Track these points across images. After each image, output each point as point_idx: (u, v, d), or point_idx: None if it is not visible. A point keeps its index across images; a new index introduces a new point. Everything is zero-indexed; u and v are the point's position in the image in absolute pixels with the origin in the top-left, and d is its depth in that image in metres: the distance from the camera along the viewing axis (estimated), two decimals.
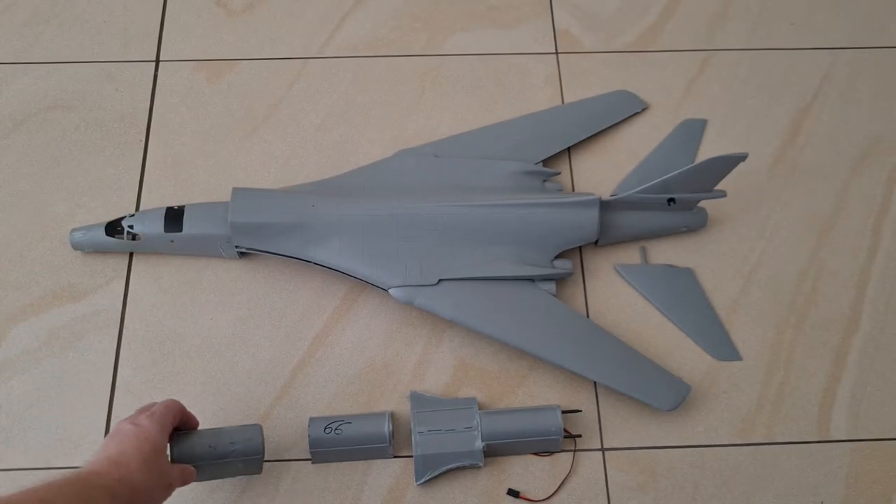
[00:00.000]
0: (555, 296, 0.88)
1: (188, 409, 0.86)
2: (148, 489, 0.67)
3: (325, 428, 0.81)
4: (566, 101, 1.06)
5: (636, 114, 1.05)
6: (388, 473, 0.83)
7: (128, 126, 1.02)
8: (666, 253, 0.96)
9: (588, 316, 0.92)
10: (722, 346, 0.90)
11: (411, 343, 0.90)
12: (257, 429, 0.79)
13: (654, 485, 0.83)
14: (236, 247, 0.89)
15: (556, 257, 0.91)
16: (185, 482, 0.72)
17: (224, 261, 0.93)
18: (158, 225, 0.89)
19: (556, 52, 1.10)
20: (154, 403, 0.76)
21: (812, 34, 1.12)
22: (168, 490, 0.69)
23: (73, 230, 0.91)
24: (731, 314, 0.93)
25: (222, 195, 0.93)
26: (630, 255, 0.96)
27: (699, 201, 0.94)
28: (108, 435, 0.70)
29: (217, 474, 0.78)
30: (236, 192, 0.88)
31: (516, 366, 0.89)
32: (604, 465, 0.84)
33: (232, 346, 0.89)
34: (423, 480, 0.81)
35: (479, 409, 0.83)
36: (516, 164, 0.96)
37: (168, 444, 0.73)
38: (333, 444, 0.81)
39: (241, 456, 0.77)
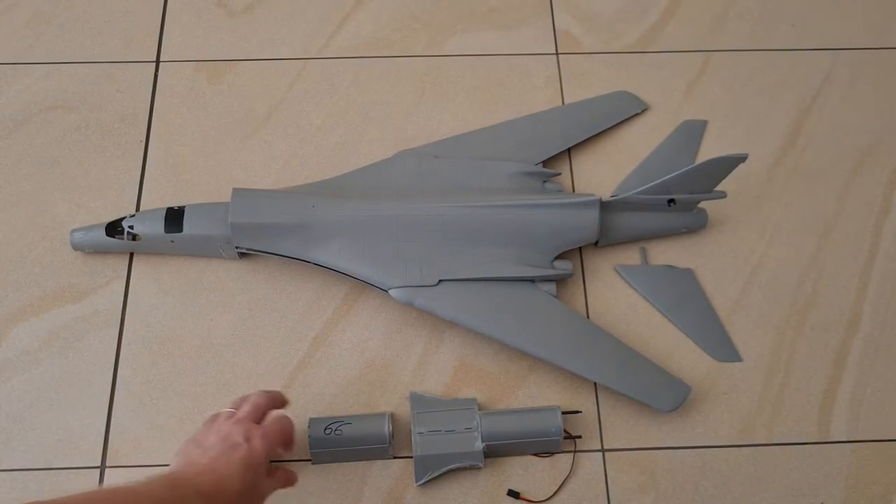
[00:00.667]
0: (555, 296, 0.88)
1: (190, 410, 0.86)
2: None
3: (326, 429, 0.81)
4: (566, 101, 1.06)
5: (636, 114, 1.05)
6: (388, 474, 0.83)
7: (128, 126, 1.02)
8: (666, 254, 0.96)
9: (588, 317, 0.92)
10: (722, 347, 0.90)
11: (411, 344, 0.90)
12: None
13: (655, 486, 0.83)
14: (236, 247, 0.89)
15: (557, 258, 0.91)
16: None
17: (224, 261, 0.93)
18: (159, 225, 0.89)
19: (557, 53, 1.10)
20: (252, 400, 0.73)
21: (813, 35, 1.12)
22: None
23: (74, 230, 0.91)
24: (732, 315, 0.92)
25: (222, 195, 0.93)
26: (630, 255, 0.96)
27: (699, 202, 0.94)
28: (219, 437, 0.67)
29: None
30: (236, 192, 0.88)
31: (516, 366, 0.89)
32: (604, 466, 0.84)
33: (232, 347, 0.89)
34: (422, 481, 0.81)
35: (479, 409, 0.83)
36: (516, 165, 0.96)
37: None
38: (334, 445, 0.81)
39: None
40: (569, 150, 1.02)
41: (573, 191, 1.00)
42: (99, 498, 0.56)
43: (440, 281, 0.86)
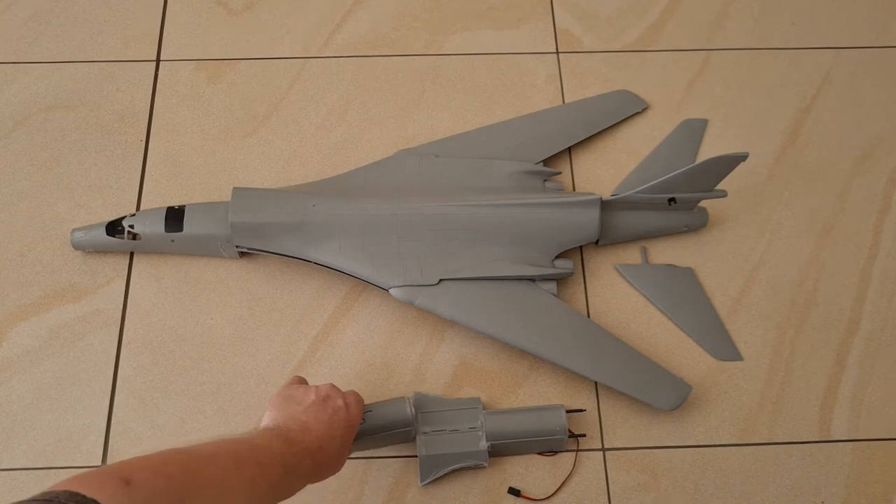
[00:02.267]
0: (555, 296, 0.88)
1: (190, 409, 0.86)
2: (325, 476, 0.69)
3: None
4: (567, 100, 1.06)
5: (637, 113, 1.05)
6: (389, 473, 0.83)
7: (128, 126, 1.02)
8: (666, 253, 0.96)
9: (589, 316, 0.92)
10: (723, 346, 0.90)
11: (412, 343, 0.90)
12: None
13: (655, 485, 0.83)
14: (237, 246, 0.89)
15: (557, 257, 0.91)
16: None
17: (224, 260, 0.93)
18: (159, 225, 0.89)
19: (557, 52, 1.10)
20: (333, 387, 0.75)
21: (813, 34, 1.12)
22: (335, 473, 0.71)
23: (74, 230, 0.91)
24: (732, 314, 0.92)
25: (223, 195, 0.93)
26: (631, 254, 0.96)
27: (700, 201, 0.94)
28: (318, 396, 0.69)
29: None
30: (237, 191, 0.88)
31: (517, 365, 0.89)
32: (604, 465, 0.84)
33: (232, 346, 0.89)
34: (427, 481, 0.81)
35: (483, 409, 0.83)
36: (517, 164, 0.96)
37: None
38: (361, 433, 0.77)
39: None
40: (569, 149, 1.02)
41: (574, 190, 1.00)
42: (227, 445, 0.59)
43: (441, 280, 0.86)
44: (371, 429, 0.78)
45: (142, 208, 0.97)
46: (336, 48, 1.09)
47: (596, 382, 0.88)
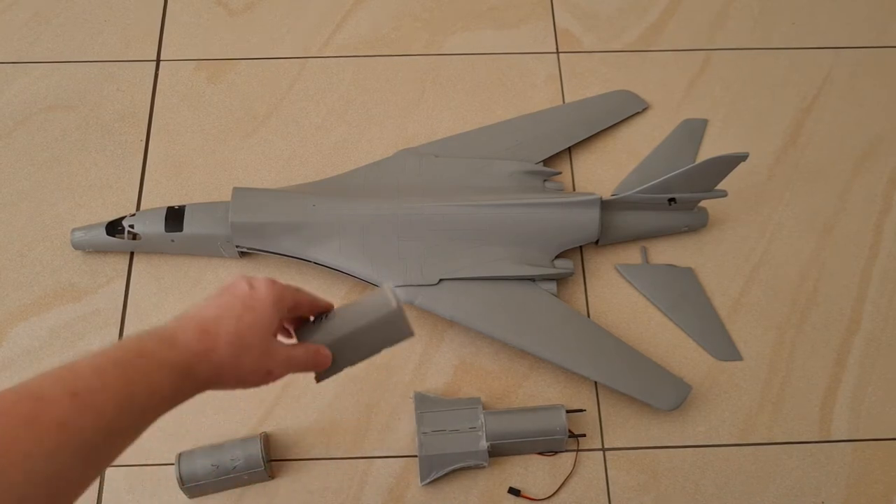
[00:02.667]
0: (555, 296, 0.88)
1: (189, 409, 0.86)
2: (233, 369, 0.55)
3: (314, 318, 0.62)
4: (567, 100, 1.06)
5: (637, 113, 1.05)
6: (389, 473, 0.83)
7: (128, 126, 1.02)
8: (666, 253, 0.96)
9: (589, 316, 0.92)
10: (723, 346, 0.90)
11: (412, 343, 0.89)
12: (256, 442, 0.80)
13: (655, 485, 0.83)
14: (237, 246, 0.89)
15: (557, 257, 0.91)
16: (303, 370, 0.58)
17: (225, 260, 0.93)
18: (159, 225, 0.89)
19: (557, 52, 1.10)
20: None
21: (813, 34, 1.12)
22: (266, 377, 0.56)
23: (74, 230, 0.91)
24: (732, 314, 0.92)
25: (223, 195, 0.93)
26: (631, 254, 0.96)
27: (700, 201, 0.94)
28: (223, 287, 0.56)
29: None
30: (237, 191, 0.88)
31: (517, 365, 0.89)
32: (604, 465, 0.84)
33: None
34: (427, 481, 0.81)
35: (483, 408, 0.83)
36: (517, 164, 0.96)
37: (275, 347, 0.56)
38: (325, 332, 0.61)
39: (245, 471, 0.79)
40: (569, 148, 1.02)
41: (574, 190, 1.00)
42: (18, 405, 0.44)
43: (441, 280, 0.86)
44: (346, 325, 0.60)
45: (142, 208, 0.97)
46: (336, 48, 1.09)
47: (596, 382, 0.88)
